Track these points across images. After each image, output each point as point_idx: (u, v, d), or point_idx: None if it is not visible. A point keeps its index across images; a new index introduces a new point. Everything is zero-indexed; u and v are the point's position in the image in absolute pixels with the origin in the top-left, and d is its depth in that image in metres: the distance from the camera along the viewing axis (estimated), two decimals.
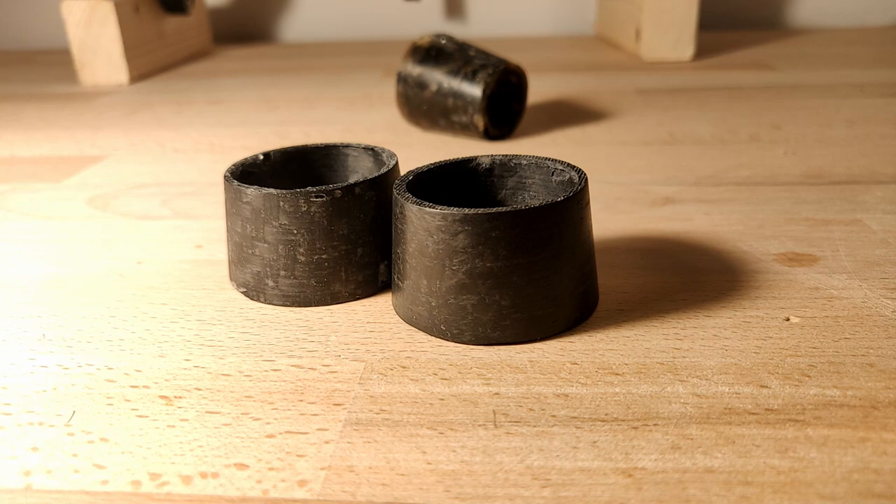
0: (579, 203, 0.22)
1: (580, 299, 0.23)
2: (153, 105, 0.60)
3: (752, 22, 0.89)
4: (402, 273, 0.23)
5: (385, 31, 0.93)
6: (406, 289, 0.23)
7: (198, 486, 0.17)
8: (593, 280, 0.24)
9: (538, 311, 0.22)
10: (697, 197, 0.34)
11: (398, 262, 0.23)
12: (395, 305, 0.24)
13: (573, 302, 0.23)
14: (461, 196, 0.26)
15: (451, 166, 0.26)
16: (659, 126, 0.47)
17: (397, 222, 0.23)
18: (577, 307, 0.23)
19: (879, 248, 0.28)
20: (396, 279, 0.24)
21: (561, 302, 0.22)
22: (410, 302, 0.23)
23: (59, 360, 0.22)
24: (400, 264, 0.23)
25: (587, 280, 0.23)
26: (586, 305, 0.23)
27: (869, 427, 0.18)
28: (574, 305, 0.23)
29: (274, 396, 0.20)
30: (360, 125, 0.51)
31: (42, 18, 0.97)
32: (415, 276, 0.23)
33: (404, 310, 0.24)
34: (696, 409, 0.19)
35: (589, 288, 0.23)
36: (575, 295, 0.23)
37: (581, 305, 0.23)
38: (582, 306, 0.23)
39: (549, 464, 0.17)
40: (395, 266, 0.24)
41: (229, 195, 0.25)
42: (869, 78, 0.59)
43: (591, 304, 0.24)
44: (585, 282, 0.23)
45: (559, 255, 0.22)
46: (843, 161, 0.39)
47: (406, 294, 0.23)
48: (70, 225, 0.34)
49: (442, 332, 0.22)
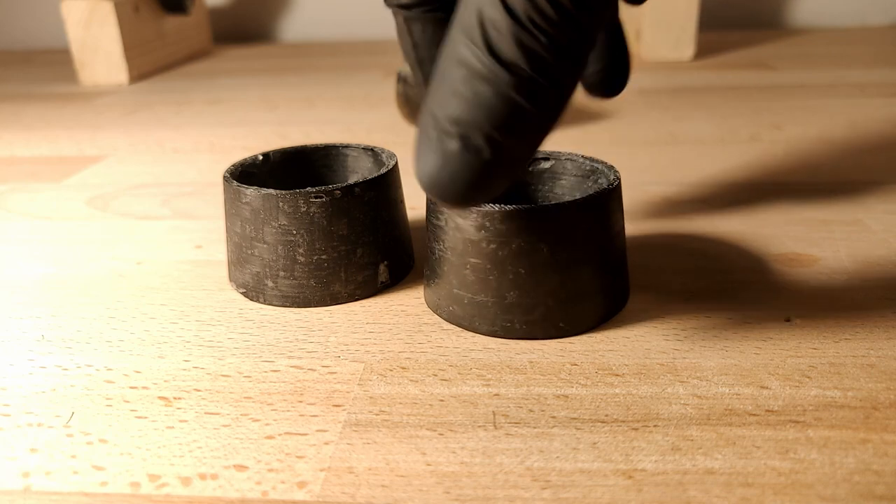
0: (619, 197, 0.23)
1: (617, 291, 0.24)
2: (153, 105, 0.60)
3: (752, 22, 0.89)
4: (438, 270, 0.23)
5: (385, 31, 0.93)
6: (442, 285, 0.23)
7: (197, 488, 0.17)
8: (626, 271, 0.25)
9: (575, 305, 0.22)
10: (697, 197, 0.34)
11: (433, 259, 0.24)
12: (429, 301, 0.25)
13: (609, 295, 0.23)
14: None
15: None
16: (659, 126, 0.47)
17: (432, 218, 0.23)
18: (613, 300, 0.24)
19: (879, 248, 0.28)
20: (429, 275, 0.24)
21: (596, 295, 0.23)
22: (446, 299, 0.23)
23: (59, 361, 0.22)
24: (434, 261, 0.24)
25: (623, 271, 0.24)
26: (623, 298, 0.24)
27: (870, 428, 0.18)
28: (611, 298, 0.23)
29: (273, 397, 0.20)
30: (360, 125, 0.51)
31: (42, 18, 0.97)
32: (450, 272, 0.23)
33: (439, 306, 0.24)
34: (696, 410, 0.19)
35: (625, 279, 0.24)
36: (610, 287, 0.23)
37: (618, 298, 0.24)
38: (619, 299, 0.24)
39: (550, 465, 0.17)
40: (429, 262, 0.24)
41: (228, 195, 0.25)
42: (869, 78, 0.59)
43: (625, 297, 0.25)
44: (621, 273, 0.24)
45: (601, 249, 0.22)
46: (844, 161, 0.39)
47: (440, 290, 0.23)
48: (70, 225, 0.34)
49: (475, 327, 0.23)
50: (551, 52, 0.16)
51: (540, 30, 0.15)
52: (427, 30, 0.20)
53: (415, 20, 0.20)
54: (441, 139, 0.16)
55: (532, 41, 0.15)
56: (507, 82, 0.16)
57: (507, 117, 0.16)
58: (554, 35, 0.15)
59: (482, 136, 0.16)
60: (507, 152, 0.16)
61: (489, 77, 0.16)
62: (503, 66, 0.16)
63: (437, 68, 0.17)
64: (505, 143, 0.16)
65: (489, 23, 0.16)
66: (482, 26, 0.16)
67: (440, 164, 0.16)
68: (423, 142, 0.17)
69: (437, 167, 0.16)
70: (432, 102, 0.17)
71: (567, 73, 0.16)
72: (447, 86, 0.16)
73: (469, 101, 0.16)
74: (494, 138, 0.16)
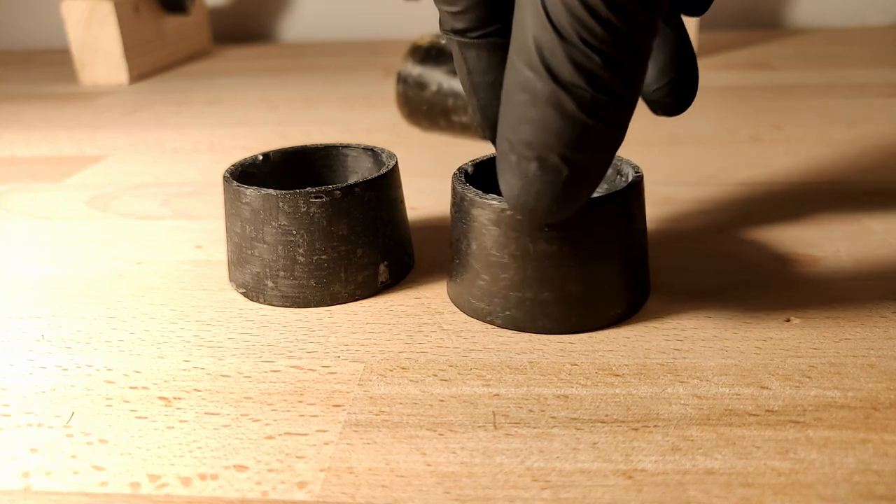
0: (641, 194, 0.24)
1: (639, 287, 0.24)
2: (153, 105, 0.60)
3: (752, 22, 0.89)
4: (463, 265, 0.24)
5: (385, 31, 0.93)
6: (466, 281, 0.24)
7: (197, 488, 0.17)
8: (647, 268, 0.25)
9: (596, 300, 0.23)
10: (697, 197, 0.34)
11: (457, 254, 0.24)
12: (453, 296, 0.25)
13: (631, 290, 0.24)
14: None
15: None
16: (659, 126, 0.47)
17: (456, 212, 0.24)
18: (636, 296, 0.24)
19: (879, 249, 0.28)
20: (455, 271, 0.24)
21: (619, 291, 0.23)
22: (469, 294, 0.24)
23: (58, 361, 0.22)
24: (459, 256, 0.24)
25: (644, 267, 0.24)
26: (644, 294, 0.25)
27: (870, 428, 0.18)
28: (633, 294, 0.24)
29: (273, 398, 0.20)
30: (360, 125, 0.51)
31: (42, 18, 0.96)
32: (477, 267, 0.23)
33: (464, 301, 0.24)
34: (696, 411, 0.19)
35: (646, 276, 0.25)
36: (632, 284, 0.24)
37: (639, 294, 0.24)
38: (640, 295, 0.24)
39: (550, 465, 0.17)
40: (453, 258, 0.24)
41: (228, 196, 0.25)
42: (869, 78, 0.59)
43: (646, 293, 0.25)
44: (643, 269, 0.24)
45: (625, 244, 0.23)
46: (844, 161, 0.39)
47: (466, 286, 0.24)
48: (70, 225, 0.34)
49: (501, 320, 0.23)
50: (608, 69, 0.16)
51: (592, 49, 0.16)
52: (482, 56, 0.20)
53: (470, 46, 0.20)
54: (520, 163, 0.17)
55: (586, 60, 0.16)
56: (570, 103, 0.16)
57: (577, 137, 0.16)
58: (607, 52, 0.16)
59: (557, 157, 0.17)
60: (583, 167, 0.17)
61: (552, 100, 0.16)
62: (563, 89, 0.16)
63: (504, 94, 0.18)
64: (580, 159, 0.17)
65: (543, 47, 0.16)
66: (538, 50, 0.16)
67: (524, 187, 0.17)
68: (504, 167, 0.18)
69: (521, 189, 0.17)
70: (505, 128, 0.17)
71: (627, 85, 0.16)
72: (516, 112, 0.17)
73: (538, 125, 0.16)
74: (568, 157, 0.17)
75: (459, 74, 0.21)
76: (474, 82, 0.20)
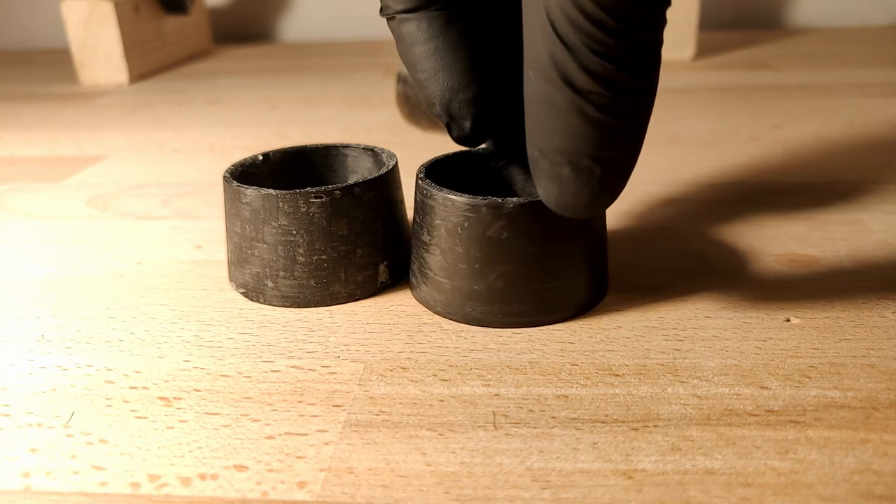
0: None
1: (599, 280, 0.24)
2: (153, 105, 0.60)
3: (752, 22, 0.89)
4: (427, 263, 0.24)
5: (385, 31, 0.93)
6: (431, 279, 0.24)
7: (197, 488, 0.17)
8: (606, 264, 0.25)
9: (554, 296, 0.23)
10: (697, 197, 0.34)
11: (421, 253, 0.24)
12: (419, 296, 0.25)
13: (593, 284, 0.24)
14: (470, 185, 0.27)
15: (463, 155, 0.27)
16: (659, 126, 0.47)
17: (420, 210, 0.24)
18: (597, 289, 0.24)
19: (879, 249, 0.28)
20: (418, 270, 0.24)
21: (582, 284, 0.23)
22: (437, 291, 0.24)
23: (58, 361, 0.22)
24: (424, 254, 0.24)
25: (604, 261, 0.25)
26: (603, 288, 0.25)
27: (870, 428, 0.18)
28: (594, 287, 0.24)
29: (273, 398, 0.20)
30: (360, 125, 0.51)
31: (42, 18, 0.96)
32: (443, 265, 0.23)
33: (429, 298, 0.24)
34: (696, 411, 0.19)
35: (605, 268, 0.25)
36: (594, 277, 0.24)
37: (599, 287, 0.24)
38: (600, 288, 0.25)
39: (550, 465, 0.17)
40: (416, 256, 0.24)
41: (228, 196, 0.25)
42: (869, 78, 0.59)
43: (605, 287, 0.25)
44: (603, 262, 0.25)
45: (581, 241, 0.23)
46: (843, 161, 0.39)
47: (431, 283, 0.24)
48: (70, 225, 0.34)
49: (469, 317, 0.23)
50: (622, 72, 0.16)
51: (602, 55, 0.16)
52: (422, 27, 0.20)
53: (409, 20, 0.20)
54: (553, 168, 0.18)
55: (599, 68, 0.16)
56: (592, 109, 0.16)
57: (604, 137, 0.17)
58: (617, 56, 0.16)
59: (589, 158, 0.17)
60: (614, 162, 0.18)
61: (574, 109, 0.17)
62: (582, 97, 0.16)
63: (525, 106, 0.18)
64: (610, 157, 0.17)
65: (556, 59, 0.16)
66: (552, 62, 0.16)
67: (561, 190, 0.18)
68: (539, 173, 0.18)
69: (559, 193, 0.18)
70: (535, 139, 0.18)
71: (644, 81, 0.17)
72: (542, 123, 0.17)
73: (565, 133, 0.17)
74: (599, 157, 0.17)
75: (400, 52, 0.21)
76: (415, 54, 0.20)
